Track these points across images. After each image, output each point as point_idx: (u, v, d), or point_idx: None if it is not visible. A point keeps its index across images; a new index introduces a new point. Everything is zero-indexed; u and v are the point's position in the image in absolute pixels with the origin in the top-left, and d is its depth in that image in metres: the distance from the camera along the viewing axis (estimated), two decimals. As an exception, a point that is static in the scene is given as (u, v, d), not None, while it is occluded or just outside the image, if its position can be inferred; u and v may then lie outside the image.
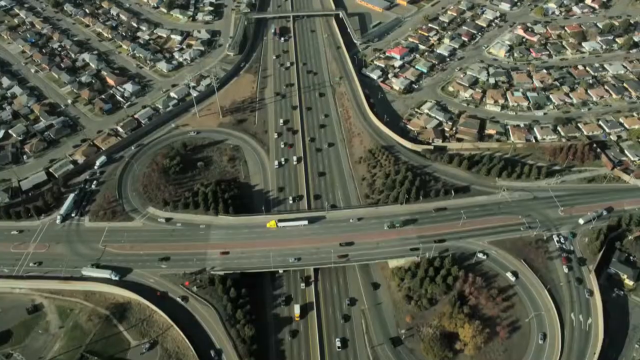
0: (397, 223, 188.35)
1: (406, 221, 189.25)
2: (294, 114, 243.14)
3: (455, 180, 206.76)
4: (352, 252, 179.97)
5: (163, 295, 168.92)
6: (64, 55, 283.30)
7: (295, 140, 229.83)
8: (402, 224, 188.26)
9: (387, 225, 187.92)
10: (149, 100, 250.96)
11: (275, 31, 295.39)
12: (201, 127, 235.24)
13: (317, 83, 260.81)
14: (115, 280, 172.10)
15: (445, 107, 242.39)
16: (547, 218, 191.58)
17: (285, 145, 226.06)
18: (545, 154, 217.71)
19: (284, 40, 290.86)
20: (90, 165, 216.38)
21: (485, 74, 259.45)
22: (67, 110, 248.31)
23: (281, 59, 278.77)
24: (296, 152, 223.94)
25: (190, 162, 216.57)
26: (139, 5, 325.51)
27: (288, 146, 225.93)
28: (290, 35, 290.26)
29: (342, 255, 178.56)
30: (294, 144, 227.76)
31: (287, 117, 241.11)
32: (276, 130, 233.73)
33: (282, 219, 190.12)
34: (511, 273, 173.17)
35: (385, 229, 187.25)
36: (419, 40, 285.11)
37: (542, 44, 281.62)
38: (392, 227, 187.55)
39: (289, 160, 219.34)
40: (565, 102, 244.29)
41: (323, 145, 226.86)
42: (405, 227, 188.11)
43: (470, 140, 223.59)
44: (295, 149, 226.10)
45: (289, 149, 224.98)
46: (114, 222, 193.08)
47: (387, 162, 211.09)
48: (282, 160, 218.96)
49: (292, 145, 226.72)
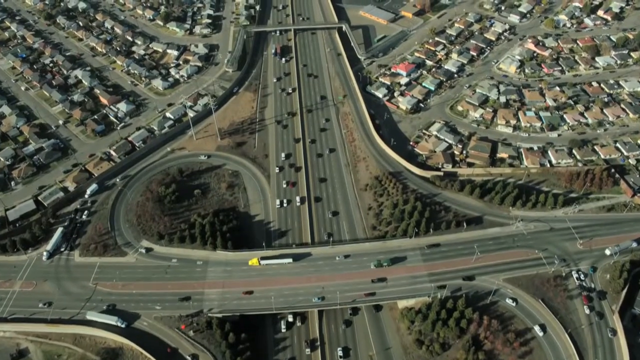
0: (385, 262, 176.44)
1: (394, 259, 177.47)
2: (296, 148, 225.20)
3: (466, 210, 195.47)
4: (357, 292, 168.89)
5: (173, 351, 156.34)
6: (55, 71, 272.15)
7: (299, 178, 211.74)
8: (390, 262, 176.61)
9: (373, 265, 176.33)
10: (144, 121, 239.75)
11: (275, 51, 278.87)
12: (198, 150, 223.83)
13: (319, 102, 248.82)
14: (120, 328, 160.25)
15: (455, 129, 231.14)
16: (565, 252, 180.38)
17: (287, 185, 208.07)
18: (560, 180, 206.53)
19: (285, 61, 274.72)
20: (81, 193, 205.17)
21: (495, 91, 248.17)
22: (58, 131, 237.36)
23: (282, 82, 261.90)
24: (299, 192, 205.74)
25: (186, 189, 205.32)
26: (134, 17, 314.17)
27: (290, 185, 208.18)
28: (291, 56, 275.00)
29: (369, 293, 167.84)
30: (296, 183, 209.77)
31: (290, 151, 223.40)
32: (277, 164, 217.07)
33: (264, 257, 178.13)
34: (528, 315, 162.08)
35: (372, 268, 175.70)
36: (425, 55, 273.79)
37: (553, 58, 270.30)
38: (379, 267, 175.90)
39: (291, 201, 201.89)
40: (580, 122, 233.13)
41: (327, 170, 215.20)
42: (405, 264, 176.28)
43: (481, 165, 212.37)
44: (299, 187, 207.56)
45: (291, 188, 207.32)
46: (106, 258, 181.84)
47: (394, 190, 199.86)
48: (284, 200, 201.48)
49: (294, 184, 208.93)
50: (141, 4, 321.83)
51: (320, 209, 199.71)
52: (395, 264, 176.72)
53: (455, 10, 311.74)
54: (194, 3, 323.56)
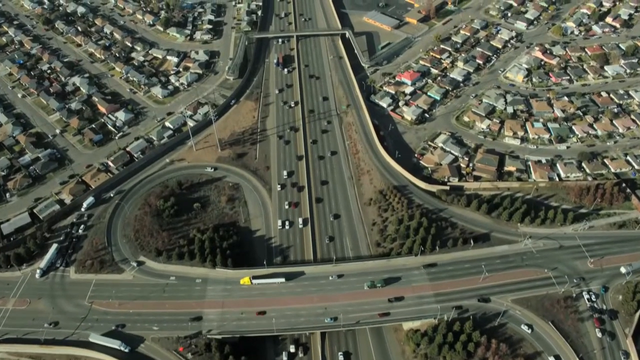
0: (379, 283, 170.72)
1: (388, 279, 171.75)
2: (299, 166, 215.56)
3: (473, 226, 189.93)
4: (363, 313, 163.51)
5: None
6: (53, 78, 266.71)
7: (301, 198, 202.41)
8: (384, 283, 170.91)
9: (367, 285, 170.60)
10: (143, 131, 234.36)
11: (277, 61, 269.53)
12: (198, 161, 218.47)
13: (322, 113, 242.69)
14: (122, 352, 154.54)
15: (461, 140, 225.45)
16: (576, 271, 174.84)
17: (290, 206, 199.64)
18: (570, 195, 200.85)
19: (287, 71, 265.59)
20: (77, 206, 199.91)
21: (502, 101, 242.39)
22: (55, 141, 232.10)
23: (284, 94, 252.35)
24: (302, 213, 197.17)
25: (185, 203, 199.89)
26: (133, 22, 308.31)
27: (293, 205, 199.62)
28: (294, 67, 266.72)
29: (383, 313, 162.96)
30: (299, 203, 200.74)
31: (292, 168, 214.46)
32: (279, 182, 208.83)
33: (256, 276, 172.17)
34: (538, 339, 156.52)
35: (365, 289, 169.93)
36: (430, 63, 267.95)
37: (561, 67, 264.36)
38: (372, 287, 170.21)
39: (294, 223, 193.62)
40: (589, 134, 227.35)
41: (329, 184, 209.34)
42: (411, 284, 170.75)
43: (488, 179, 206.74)
44: (301, 208, 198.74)
45: (294, 209, 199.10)
46: (102, 275, 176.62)
47: (399, 205, 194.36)
48: (286, 221, 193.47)
49: (297, 205, 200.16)
50: (141, 9, 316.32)
51: (322, 225, 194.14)
52: (400, 284, 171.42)
53: (461, 17, 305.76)
54: (195, 8, 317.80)
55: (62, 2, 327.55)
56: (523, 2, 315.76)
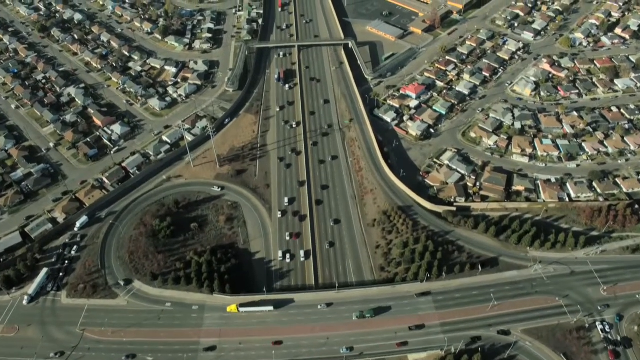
0: (368, 313, 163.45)
1: (377, 309, 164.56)
2: (301, 192, 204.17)
3: (481, 250, 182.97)
4: (364, 345, 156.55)
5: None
6: (48, 88, 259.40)
7: (303, 229, 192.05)
8: (373, 313, 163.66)
9: (355, 316, 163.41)
10: (139, 145, 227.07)
11: (279, 76, 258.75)
12: (196, 178, 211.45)
13: (325, 127, 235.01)
14: None
15: (468, 158, 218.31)
16: (588, 299, 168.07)
17: (291, 237, 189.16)
18: (581, 217, 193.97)
19: (289, 87, 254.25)
20: (70, 225, 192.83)
21: (510, 116, 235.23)
22: (49, 155, 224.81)
23: (286, 112, 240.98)
24: (304, 244, 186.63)
25: (182, 222, 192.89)
26: (131, 30, 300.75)
27: (294, 236, 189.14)
28: (295, 82, 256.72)
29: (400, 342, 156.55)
30: (301, 234, 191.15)
31: (293, 194, 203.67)
32: (280, 208, 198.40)
33: (244, 304, 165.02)
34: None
35: (354, 319, 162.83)
36: (435, 75, 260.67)
37: (570, 80, 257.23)
38: (361, 318, 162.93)
39: (295, 256, 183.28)
40: (600, 152, 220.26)
41: (332, 203, 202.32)
42: (417, 312, 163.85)
43: (496, 199, 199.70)
44: (303, 239, 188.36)
45: (295, 240, 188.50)
46: (95, 300, 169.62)
47: (404, 228, 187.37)
48: (287, 253, 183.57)
49: (298, 235, 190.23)
50: (139, 16, 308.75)
51: (324, 249, 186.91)
52: (405, 312, 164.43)
53: (467, 27, 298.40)
54: (194, 16, 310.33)
55: (58, 9, 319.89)
56: (530, 12, 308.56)
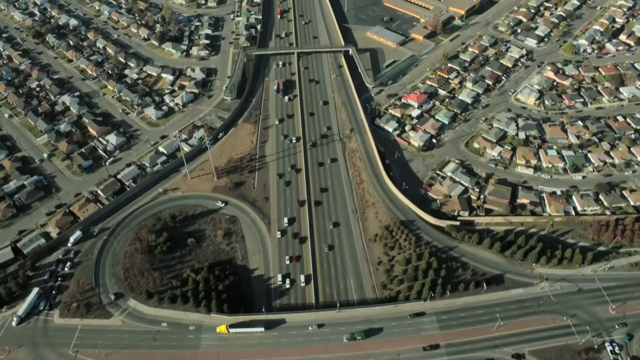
0: (359, 335, 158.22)
1: (368, 331, 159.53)
2: (301, 212, 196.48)
3: (486, 266, 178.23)
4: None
5: None
6: (42, 97, 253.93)
7: (304, 251, 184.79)
8: (364, 335, 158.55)
9: (346, 338, 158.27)
10: (135, 156, 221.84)
11: (278, 87, 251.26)
12: (193, 191, 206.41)
13: (325, 139, 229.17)
14: None
15: (471, 169, 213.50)
16: (596, 318, 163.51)
17: (291, 260, 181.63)
18: (587, 231, 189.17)
19: (288, 99, 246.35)
20: (63, 241, 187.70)
21: (513, 126, 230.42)
22: (42, 166, 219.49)
23: (285, 126, 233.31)
24: (304, 268, 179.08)
25: (179, 237, 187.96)
26: (127, 36, 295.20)
27: (294, 259, 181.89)
28: (295, 94, 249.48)
29: None
30: (301, 257, 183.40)
31: (293, 214, 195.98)
32: (279, 228, 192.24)
33: (233, 324, 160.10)
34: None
35: (345, 341, 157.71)
36: (438, 83, 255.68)
37: (575, 89, 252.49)
38: (352, 340, 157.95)
39: (295, 281, 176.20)
40: (606, 163, 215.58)
41: (332, 216, 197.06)
42: (420, 333, 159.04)
43: (501, 213, 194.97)
44: (304, 263, 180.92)
45: (295, 263, 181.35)
46: (89, 319, 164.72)
47: (406, 243, 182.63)
48: (287, 278, 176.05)
49: (298, 259, 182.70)
50: (135, 22, 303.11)
51: (325, 264, 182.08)
52: (409, 333, 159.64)
53: (469, 33, 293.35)
54: (192, 21, 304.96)
55: (54, 14, 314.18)
56: (533, 18, 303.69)
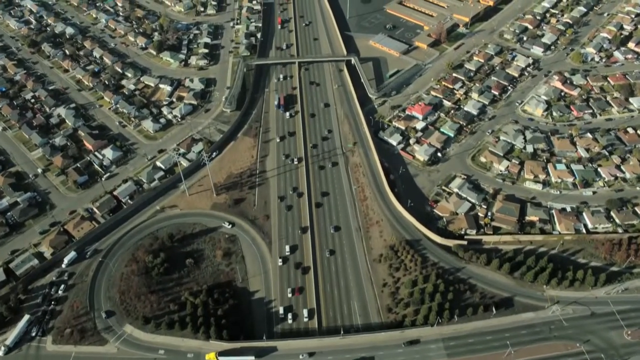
0: None
1: None
2: (303, 240, 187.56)
3: (495, 289, 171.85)
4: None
5: None
6: (37, 108, 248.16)
7: (307, 282, 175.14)
8: None
9: None
10: (132, 171, 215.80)
11: (279, 102, 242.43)
12: (192, 209, 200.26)
13: (328, 150, 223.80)
14: None
15: (478, 185, 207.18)
16: (611, 344, 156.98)
17: (293, 293, 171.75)
18: (599, 250, 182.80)
19: (289, 115, 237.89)
20: (57, 262, 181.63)
21: (521, 139, 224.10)
22: (36, 182, 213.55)
23: (287, 145, 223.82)
24: (307, 302, 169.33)
25: (177, 258, 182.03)
26: (125, 45, 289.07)
27: (296, 291, 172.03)
28: (297, 110, 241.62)
29: None
30: (304, 289, 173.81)
31: (295, 242, 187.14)
32: (280, 255, 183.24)
33: (222, 352, 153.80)
34: None
35: None
36: (442, 93, 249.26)
37: (583, 99, 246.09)
38: None
39: (298, 316, 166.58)
40: (617, 177, 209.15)
41: (335, 239, 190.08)
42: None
43: (509, 231, 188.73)
44: (307, 295, 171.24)
45: (298, 295, 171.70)
46: (82, 346, 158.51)
47: (412, 264, 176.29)
48: (289, 312, 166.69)
49: (301, 290, 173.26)
50: (133, 30, 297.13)
51: (328, 286, 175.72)
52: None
53: (474, 41, 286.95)
54: (190, 29, 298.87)
55: (50, 22, 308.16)
56: (539, 25, 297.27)
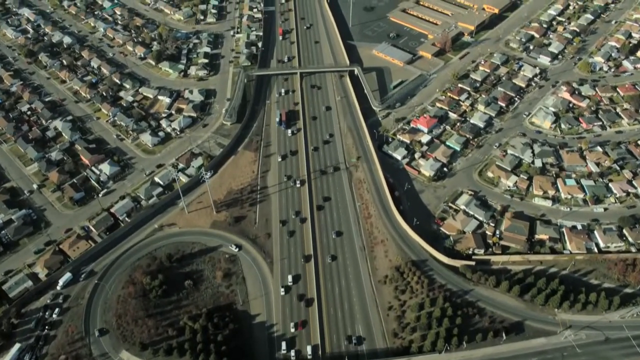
0: None
1: None
2: (306, 269, 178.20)
3: (504, 312, 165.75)
4: None
5: None
6: (33, 121, 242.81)
7: (310, 315, 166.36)
8: None
9: None
10: (129, 187, 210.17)
11: (280, 119, 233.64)
12: (191, 227, 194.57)
13: (330, 165, 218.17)
14: None
15: (485, 201, 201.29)
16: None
17: (296, 327, 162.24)
18: (612, 270, 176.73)
19: (291, 133, 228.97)
20: (52, 284, 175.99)
21: (529, 152, 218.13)
22: (31, 198, 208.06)
23: (288, 165, 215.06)
24: (311, 338, 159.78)
25: (175, 279, 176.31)
26: (123, 55, 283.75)
27: (299, 326, 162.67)
28: (299, 128, 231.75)
29: None
30: (307, 323, 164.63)
31: (298, 271, 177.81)
32: (282, 284, 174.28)
33: None
34: None
35: None
36: (448, 105, 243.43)
37: (592, 111, 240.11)
38: None
39: (301, 352, 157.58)
40: (629, 193, 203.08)
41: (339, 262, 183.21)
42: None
43: (518, 251, 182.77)
44: (310, 330, 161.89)
45: (300, 330, 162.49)
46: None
47: (419, 286, 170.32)
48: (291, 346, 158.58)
49: (304, 324, 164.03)
50: (132, 39, 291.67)
51: (332, 309, 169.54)
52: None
53: (479, 50, 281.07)
54: (190, 38, 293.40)
55: (47, 31, 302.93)
56: (545, 33, 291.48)
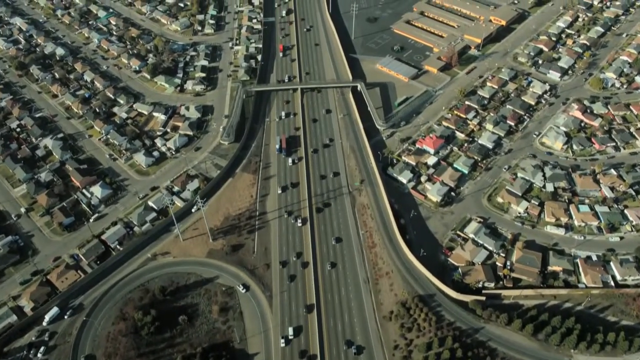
0: None
1: None
2: (309, 320, 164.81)
3: (517, 353, 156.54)
4: None
5: None
6: (22, 139, 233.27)
7: (310, 344, 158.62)
8: None
9: None
10: (122, 211, 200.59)
11: (280, 145, 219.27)
12: (186, 256, 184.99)
13: (334, 189, 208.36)
14: None
15: (495, 229, 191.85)
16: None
17: None
18: (630, 306, 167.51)
19: (292, 162, 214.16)
20: (38, 319, 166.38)
21: (540, 176, 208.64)
22: (19, 222, 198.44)
23: (289, 196, 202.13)
24: None
25: (169, 313, 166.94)
26: (117, 67, 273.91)
27: None
28: (301, 156, 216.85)
29: None
30: None
31: (299, 322, 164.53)
32: (282, 334, 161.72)
33: None
34: None
35: None
36: (455, 124, 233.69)
37: (605, 130, 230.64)
38: None
39: None
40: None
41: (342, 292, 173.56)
42: None
43: (530, 284, 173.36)
44: None
45: None
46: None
47: (426, 324, 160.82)
48: None
49: None
50: (127, 51, 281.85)
51: (335, 349, 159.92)
52: None
53: (486, 64, 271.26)
54: (187, 50, 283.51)
55: (39, 42, 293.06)
56: (554, 47, 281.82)
